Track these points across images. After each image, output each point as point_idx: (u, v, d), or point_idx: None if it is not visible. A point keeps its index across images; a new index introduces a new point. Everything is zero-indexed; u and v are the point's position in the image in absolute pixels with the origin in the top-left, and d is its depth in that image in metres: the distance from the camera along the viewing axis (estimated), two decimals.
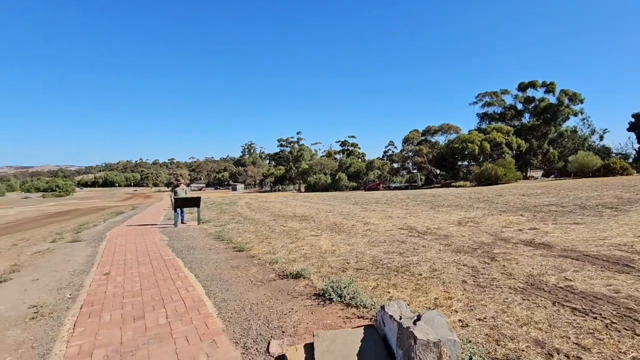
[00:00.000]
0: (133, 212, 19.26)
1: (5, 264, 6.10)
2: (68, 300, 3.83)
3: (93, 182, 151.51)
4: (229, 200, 25.71)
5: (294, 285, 4.06)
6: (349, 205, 16.75)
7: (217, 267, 5.15)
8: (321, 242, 6.77)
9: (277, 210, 15.38)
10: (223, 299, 3.66)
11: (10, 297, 4.05)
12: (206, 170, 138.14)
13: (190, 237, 8.05)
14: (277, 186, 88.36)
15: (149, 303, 3.57)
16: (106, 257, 6.07)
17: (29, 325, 3.15)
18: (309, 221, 10.45)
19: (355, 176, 69.12)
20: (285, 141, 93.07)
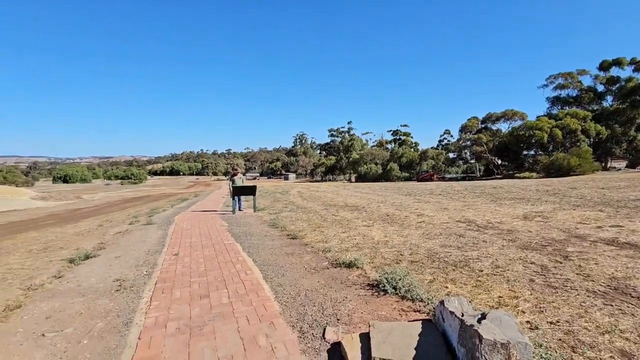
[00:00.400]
0: (196, 199, 20.80)
1: (94, 242, 6.99)
2: (145, 276, 4.28)
3: (161, 171, 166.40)
4: (282, 189, 26.53)
5: (347, 274, 4.08)
6: (401, 196, 16.31)
7: (273, 253, 5.36)
8: (373, 233, 6.70)
9: (328, 199, 15.53)
10: (279, 284, 3.81)
11: (98, 271, 4.63)
12: (260, 160, 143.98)
13: (247, 224, 8.47)
14: (328, 176, 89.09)
15: (212, 283, 3.84)
16: (175, 239, 6.65)
17: (114, 297, 3.58)
18: (361, 211, 10.39)
19: (407, 166, 66.98)
20: (335, 131, 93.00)
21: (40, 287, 4.00)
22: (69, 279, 4.26)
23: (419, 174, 57.82)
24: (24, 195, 30.41)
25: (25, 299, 3.64)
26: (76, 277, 4.37)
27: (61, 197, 33.23)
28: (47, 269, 4.87)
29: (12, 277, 4.52)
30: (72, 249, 6.39)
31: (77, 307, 3.31)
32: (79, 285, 4.02)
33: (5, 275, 4.65)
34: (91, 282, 4.10)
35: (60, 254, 5.93)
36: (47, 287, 3.99)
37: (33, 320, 3.05)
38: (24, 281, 4.30)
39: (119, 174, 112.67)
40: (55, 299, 3.56)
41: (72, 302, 3.47)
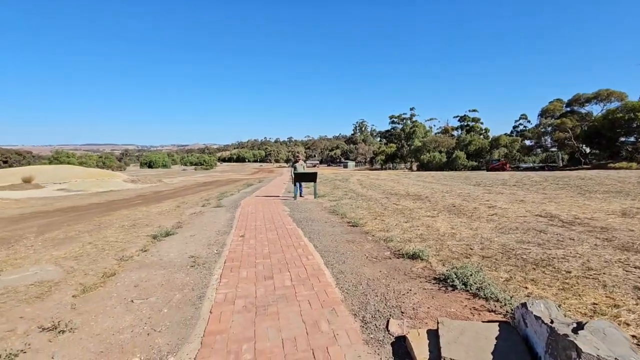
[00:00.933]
0: (260, 184, 21.86)
1: (173, 221, 7.72)
2: (215, 255, 4.59)
3: (229, 158, 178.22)
4: (341, 177, 26.58)
5: (410, 265, 3.91)
6: (469, 186, 15.20)
7: (333, 239, 5.37)
8: (438, 224, 6.33)
9: (389, 188, 15.13)
10: (340, 271, 3.78)
11: (176, 247, 5.09)
12: (320, 148, 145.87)
13: (308, 210, 8.63)
14: (388, 164, 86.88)
15: (276, 265, 3.97)
16: (241, 222, 7.04)
17: (189, 272, 3.89)
18: (424, 201, 9.91)
19: (475, 155, 62.16)
20: (397, 118, 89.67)
21: (130, 258, 4.53)
22: (153, 253, 4.76)
23: (489, 163, 53.34)
24: (118, 178, 34.97)
25: (119, 268, 4.14)
26: (158, 251, 4.86)
27: (147, 180, 37.53)
28: (135, 243, 5.50)
29: (109, 249, 5.20)
30: (155, 226, 7.14)
31: (159, 279, 3.67)
32: (160, 259, 4.46)
33: (104, 246, 5.36)
34: (170, 257, 4.53)
35: (145, 230, 6.67)
36: (135, 259, 4.50)
37: (124, 287, 3.45)
38: (117, 252, 4.91)
39: (193, 160, 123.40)
40: (141, 270, 4.00)
41: (155, 273, 3.86)
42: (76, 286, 3.53)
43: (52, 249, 5.71)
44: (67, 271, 4.04)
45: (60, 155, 66.91)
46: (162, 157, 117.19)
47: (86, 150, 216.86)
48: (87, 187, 25.50)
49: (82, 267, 4.20)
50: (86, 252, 5.06)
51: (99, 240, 6.03)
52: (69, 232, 7.12)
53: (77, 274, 3.94)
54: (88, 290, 3.38)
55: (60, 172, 32.59)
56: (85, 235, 6.68)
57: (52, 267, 4.12)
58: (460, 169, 57.98)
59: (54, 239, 6.55)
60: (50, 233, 7.37)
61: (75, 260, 4.60)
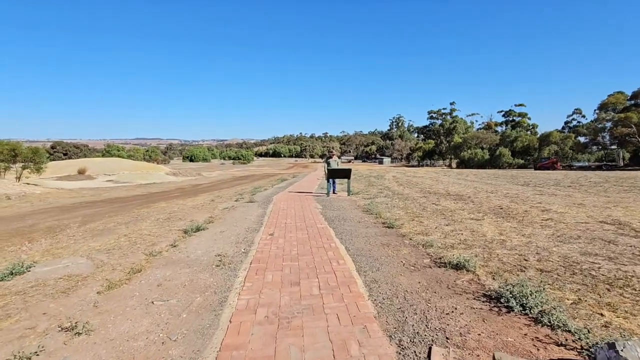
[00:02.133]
0: (294, 179, 21.85)
1: (206, 215, 7.73)
2: (242, 254, 4.40)
3: (265, 153, 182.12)
4: (377, 174, 25.90)
5: (454, 277, 3.45)
6: (517, 186, 14.03)
7: (367, 242, 5.00)
8: (484, 228, 5.73)
9: (427, 186, 14.37)
10: (374, 279, 3.42)
11: (205, 244, 4.99)
12: (355, 144, 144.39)
13: (341, 208, 8.29)
14: (425, 161, 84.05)
15: (304, 270, 3.68)
16: (272, 219, 6.86)
17: (214, 272, 3.72)
18: (467, 201, 9.19)
19: (522, 152, 58.25)
20: (436, 113, 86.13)
21: (159, 254, 4.47)
22: (181, 249, 4.68)
23: (537, 161, 49.65)
24: (161, 171, 36.82)
25: (146, 263, 4.08)
26: (187, 247, 4.78)
27: (187, 173, 39.19)
28: (166, 238, 5.49)
29: (140, 243, 5.22)
30: (188, 220, 7.17)
31: (182, 278, 3.53)
32: (187, 256, 4.35)
33: (136, 240, 5.40)
34: (197, 255, 4.41)
35: (178, 224, 6.70)
36: (163, 255, 4.43)
37: (147, 285, 3.34)
38: (147, 247, 4.90)
39: (231, 154, 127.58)
40: (167, 267, 3.90)
41: (180, 272, 3.74)
42: (102, 282, 3.48)
43: (90, 239, 5.87)
44: (96, 265, 4.04)
45: (111, 149, 71.88)
46: (202, 152, 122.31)
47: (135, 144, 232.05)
48: (132, 179, 27.02)
49: (111, 261, 4.20)
50: (119, 245, 5.11)
51: (133, 232, 6.13)
52: (108, 224, 7.36)
53: (106, 268, 3.92)
54: (113, 287, 3.31)
55: (109, 164, 34.92)
56: (122, 227, 6.84)
57: (84, 260, 4.14)
58: (504, 167, 54.72)
59: (94, 230, 6.78)
60: (92, 223, 7.68)
61: (107, 253, 4.63)
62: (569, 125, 69.75)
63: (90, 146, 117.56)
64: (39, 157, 22.28)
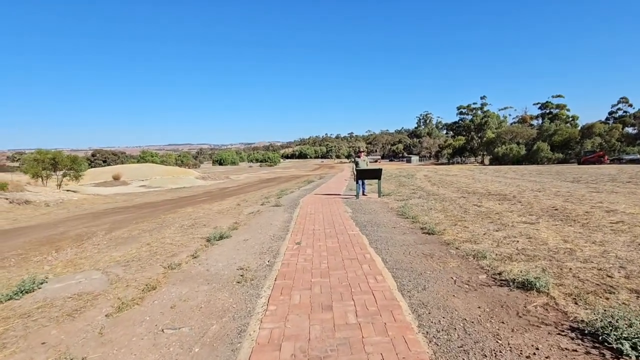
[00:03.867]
0: (321, 181, 21.41)
1: (230, 221, 7.41)
2: (266, 267, 3.95)
3: (291, 155, 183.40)
4: (406, 173, 24.91)
5: (523, 300, 2.79)
6: (566, 182, 12.74)
7: (406, 251, 4.39)
8: (543, 234, 4.94)
9: (463, 185, 13.39)
10: (421, 302, 2.84)
11: (227, 254, 4.59)
12: (381, 143, 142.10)
13: (372, 211, 7.69)
14: (455, 158, 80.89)
15: (336, 289, 3.16)
16: (299, 224, 6.40)
17: (234, 290, 3.28)
18: (512, 202, 8.28)
19: (562, 146, 54.47)
20: (466, 108, 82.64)
21: (178, 266, 4.11)
22: (201, 261, 4.30)
23: (580, 154, 46.11)
24: (191, 175, 37.69)
25: (163, 278, 3.72)
26: (207, 259, 4.40)
27: (215, 177, 39.90)
28: (188, 247, 5.16)
29: (161, 253, 4.91)
30: (212, 226, 6.86)
31: (200, 298, 3.12)
32: (207, 269, 3.96)
33: (156, 250, 5.11)
34: (218, 268, 4.01)
35: (202, 232, 6.40)
36: (183, 268, 4.07)
37: (160, 307, 2.95)
38: (167, 258, 4.57)
39: (258, 157, 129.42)
40: (185, 284, 3.51)
41: (197, 290, 3.33)
42: (113, 301, 3.14)
43: (113, 249, 5.69)
44: (111, 280, 3.73)
45: (145, 155, 74.96)
46: (231, 155, 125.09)
47: (168, 150, 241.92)
48: (164, 184, 27.72)
49: (127, 276, 3.88)
50: (139, 256, 4.83)
51: (156, 241, 5.88)
52: (133, 231, 7.22)
53: (120, 285, 3.59)
54: (123, 308, 2.95)
55: (143, 170, 36.17)
56: (146, 235, 6.65)
57: (98, 275, 3.85)
58: (543, 162, 51.45)
59: (118, 238, 6.63)
60: (118, 231, 7.59)
61: (125, 265, 4.35)
62: (613, 116, 64.65)
63: (127, 153, 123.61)
64: (78, 165, 23.31)
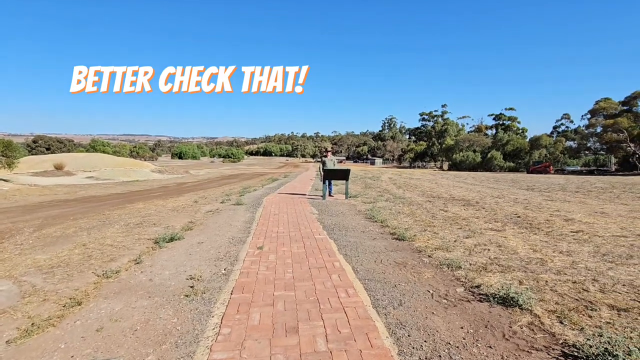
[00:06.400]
0: (285, 179, 20.85)
1: (185, 220, 6.72)
2: (221, 277, 3.43)
3: (256, 152, 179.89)
4: (371, 175, 25.08)
5: (507, 318, 2.55)
6: (522, 190, 13.34)
7: (377, 259, 4.08)
8: (512, 242, 4.87)
9: (427, 189, 13.56)
10: (399, 322, 2.50)
11: (177, 259, 4.00)
12: (347, 144, 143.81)
13: (340, 213, 7.36)
14: (417, 162, 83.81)
15: (302, 305, 2.74)
16: (261, 226, 5.90)
17: (181, 306, 2.75)
18: (476, 207, 8.37)
19: (513, 155, 58.36)
20: (428, 115, 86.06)
21: (115, 274, 3.47)
22: (144, 268, 3.68)
23: (529, 164, 49.64)
24: (146, 168, 35.30)
25: (93, 290, 3.09)
26: (152, 265, 3.79)
27: (174, 171, 37.72)
28: (131, 250, 4.48)
29: (97, 257, 4.19)
30: (163, 226, 6.16)
31: (136, 317, 2.55)
32: (150, 279, 3.36)
33: (92, 253, 4.37)
34: (164, 277, 3.42)
35: (150, 231, 5.69)
36: (121, 276, 3.44)
37: (82, 330, 2.35)
38: (103, 263, 3.89)
39: (221, 152, 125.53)
40: (120, 298, 2.91)
41: (134, 305, 2.75)
42: (21, 322, 2.48)
43: (39, 250, 4.81)
44: (23, 293, 3.02)
45: (96, 144, 69.60)
46: (192, 149, 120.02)
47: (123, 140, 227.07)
48: (114, 176, 25.60)
49: (47, 287, 3.18)
50: (69, 260, 4.08)
51: (94, 241, 5.08)
52: (68, 229, 6.27)
53: (35, 299, 2.90)
54: (33, 332, 2.32)
55: (91, 160, 33.26)
56: (83, 233, 5.78)
57: (7, 286, 3.11)
58: (496, 169, 54.70)
59: (49, 237, 5.70)
60: (51, 228, 6.58)
61: (47, 272, 3.61)
62: (557, 130, 70.54)
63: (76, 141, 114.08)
64: (12, 150, 20.78)
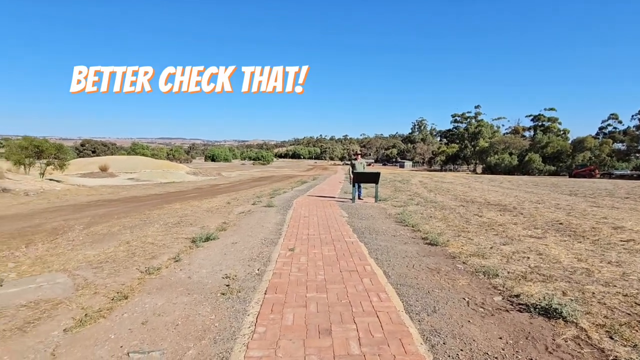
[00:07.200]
0: (314, 182, 21.00)
1: (219, 220, 6.97)
2: (255, 277, 3.54)
3: (285, 154, 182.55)
4: (401, 178, 24.68)
5: (550, 330, 2.44)
6: (564, 195, 12.58)
7: (409, 264, 4.03)
8: (553, 250, 4.62)
9: (460, 193, 13.15)
10: (433, 329, 2.46)
11: (213, 259, 4.17)
12: (375, 147, 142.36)
13: (370, 217, 7.32)
14: (448, 165, 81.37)
15: (335, 307, 2.77)
16: (292, 228, 6.00)
17: (218, 304, 2.86)
18: (513, 213, 8.00)
19: (553, 158, 55.11)
20: (460, 116, 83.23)
21: (157, 271, 3.68)
22: (183, 266, 3.87)
23: (572, 167, 46.69)
24: (182, 170, 36.91)
25: (138, 285, 3.29)
26: (190, 263, 3.97)
27: (207, 173, 39.16)
28: (171, 248, 4.72)
29: (139, 254, 4.46)
30: (199, 226, 6.42)
31: (177, 313, 2.69)
32: (189, 276, 3.53)
33: (135, 250, 4.65)
34: (201, 275, 3.58)
35: (187, 231, 5.95)
36: (162, 273, 3.64)
37: (130, 322, 2.52)
38: (146, 260, 4.13)
39: (251, 155, 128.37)
40: (162, 293, 3.08)
41: (175, 301, 2.91)
42: (76, 312, 2.70)
43: (88, 246, 5.19)
44: (77, 285, 3.28)
45: (136, 147, 73.67)
46: (223, 152, 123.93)
47: (160, 144, 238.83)
48: (153, 177, 26.98)
49: (97, 280, 3.43)
50: (115, 256, 4.37)
51: (137, 239, 5.41)
52: (113, 227, 6.71)
53: (87, 291, 3.14)
54: (86, 322, 2.52)
55: (132, 162, 35.29)
56: (126, 232, 6.16)
57: (63, 279, 3.39)
58: (534, 173, 51.96)
59: (97, 234, 6.13)
60: (98, 226, 7.07)
61: (97, 267, 3.89)
62: (603, 131, 65.85)
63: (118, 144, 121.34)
64: (63, 153, 22.49)
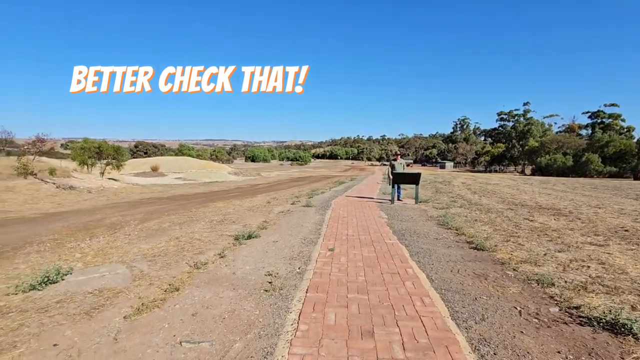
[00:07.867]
0: (352, 182, 20.91)
1: (260, 219, 7.17)
2: (297, 275, 3.60)
3: (322, 155, 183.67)
4: (442, 179, 23.81)
5: (617, 347, 2.22)
6: (628, 199, 11.40)
7: (454, 268, 3.87)
8: (619, 260, 4.21)
9: (508, 195, 12.39)
10: (483, 338, 2.35)
11: (255, 256, 4.30)
12: (414, 147, 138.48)
13: (410, 218, 7.14)
14: (493, 166, 77.00)
15: (376, 309, 2.73)
16: (331, 228, 6.02)
17: (261, 300, 2.95)
18: (570, 218, 7.39)
19: (615, 159, 50.07)
20: (507, 114, 78.42)
21: (204, 266, 3.87)
22: (228, 262, 4.04)
23: (637, 169, 42.19)
24: (224, 170, 38.52)
25: (188, 278, 3.48)
26: (235, 260, 4.13)
27: (247, 173, 40.52)
28: (216, 245, 4.94)
29: (188, 249, 4.72)
30: (241, 224, 6.66)
31: (223, 306, 2.82)
32: (233, 272, 3.68)
33: (184, 246, 4.93)
34: (245, 271, 3.71)
35: (231, 228, 6.20)
36: (208, 268, 3.82)
37: (181, 313, 2.68)
38: (194, 255, 4.36)
39: (290, 155, 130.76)
40: (209, 287, 3.24)
41: (221, 295, 3.04)
42: (134, 301, 2.92)
43: (142, 240, 5.60)
44: (134, 276, 3.54)
45: (183, 148, 78.13)
46: (263, 152, 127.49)
47: (204, 145, 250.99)
48: (198, 177, 28.44)
49: (152, 272, 3.69)
50: (167, 250, 4.67)
51: (185, 235, 5.74)
52: (163, 223, 7.17)
53: (143, 282, 3.39)
54: (143, 310, 2.72)
55: (179, 162, 37.49)
56: (175, 228, 6.55)
57: (122, 270, 3.69)
58: (592, 175, 47.56)
59: (149, 229, 6.59)
60: (150, 222, 7.59)
61: (151, 260, 4.18)
62: None
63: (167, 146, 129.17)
64: (120, 154, 24.42)
